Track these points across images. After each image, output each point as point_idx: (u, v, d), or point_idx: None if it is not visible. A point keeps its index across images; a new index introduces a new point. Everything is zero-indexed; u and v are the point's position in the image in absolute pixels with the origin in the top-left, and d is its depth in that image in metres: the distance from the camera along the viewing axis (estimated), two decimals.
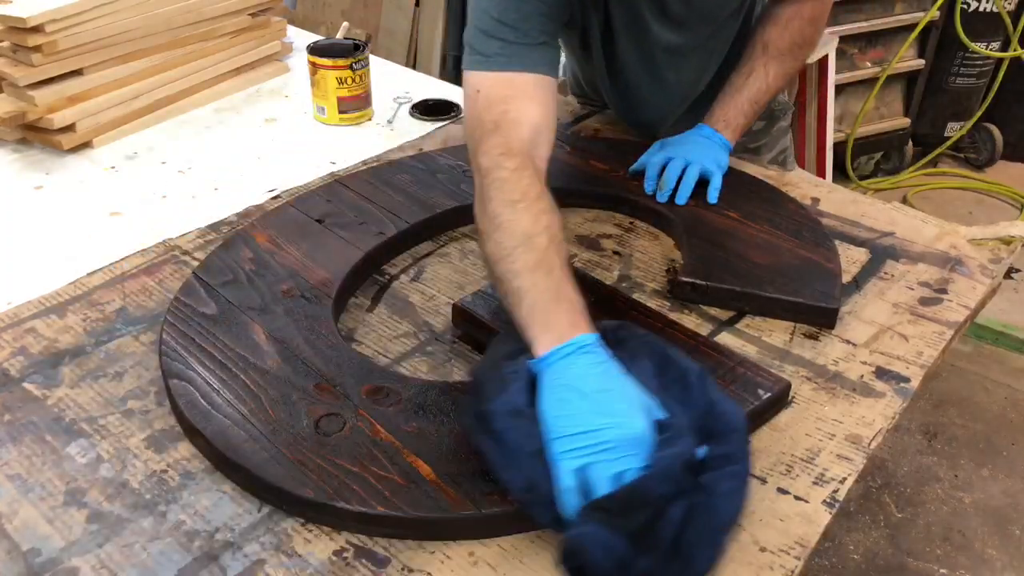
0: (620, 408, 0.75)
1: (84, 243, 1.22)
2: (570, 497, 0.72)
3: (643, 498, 0.69)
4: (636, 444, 0.73)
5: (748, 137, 1.48)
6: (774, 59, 1.27)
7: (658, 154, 1.29)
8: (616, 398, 0.76)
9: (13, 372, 0.96)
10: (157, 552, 0.76)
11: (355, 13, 3.50)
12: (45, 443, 0.87)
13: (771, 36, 1.28)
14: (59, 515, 0.79)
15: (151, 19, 1.53)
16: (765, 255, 1.13)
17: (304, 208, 1.21)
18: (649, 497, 0.69)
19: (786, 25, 1.27)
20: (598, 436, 0.72)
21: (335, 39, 1.69)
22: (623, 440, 0.72)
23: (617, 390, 0.77)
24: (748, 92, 1.28)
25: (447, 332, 1.04)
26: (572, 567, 0.69)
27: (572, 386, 0.76)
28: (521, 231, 0.88)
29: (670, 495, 0.69)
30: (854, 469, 0.87)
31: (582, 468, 0.72)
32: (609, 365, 0.79)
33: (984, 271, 1.17)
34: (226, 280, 1.06)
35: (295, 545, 0.77)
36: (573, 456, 0.72)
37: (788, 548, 0.79)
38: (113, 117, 1.50)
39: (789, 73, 1.31)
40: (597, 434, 0.72)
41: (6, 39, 1.41)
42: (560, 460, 0.73)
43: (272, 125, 1.58)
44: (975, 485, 2.19)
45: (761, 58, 1.28)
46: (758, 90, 1.28)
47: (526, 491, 0.74)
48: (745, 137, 1.45)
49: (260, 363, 0.93)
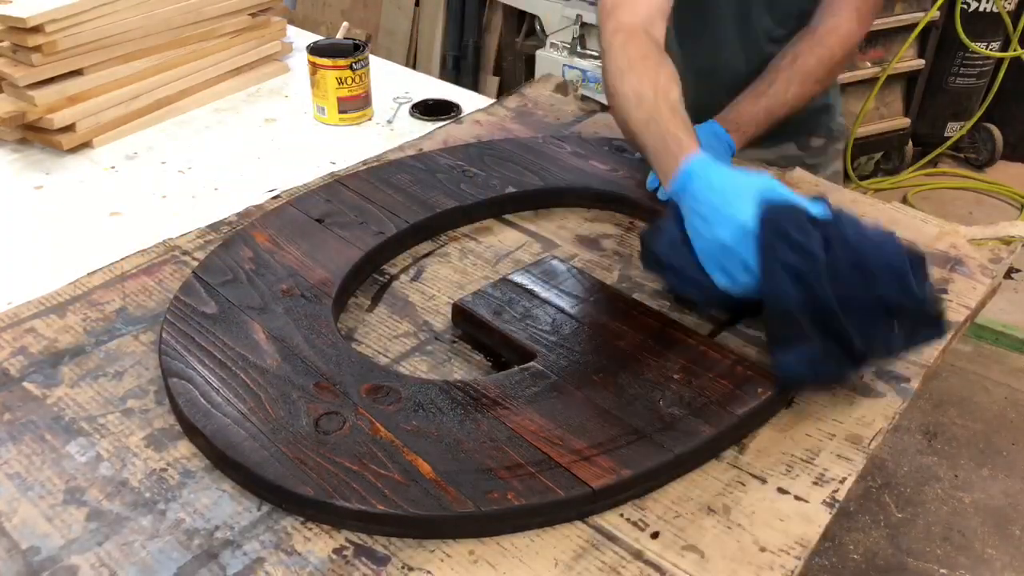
0: (725, 210, 0.91)
1: (84, 243, 1.22)
2: (730, 289, 0.93)
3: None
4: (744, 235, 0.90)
5: (807, 153, 1.48)
6: (798, 76, 1.26)
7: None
8: (720, 202, 0.92)
9: (13, 371, 0.96)
10: (156, 550, 0.76)
11: (355, 13, 3.50)
12: (45, 442, 0.87)
13: (802, 49, 1.26)
14: (58, 513, 0.79)
15: (151, 19, 1.54)
16: None
17: (304, 208, 1.21)
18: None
19: (820, 40, 1.26)
20: (715, 243, 0.92)
21: (335, 39, 1.69)
22: (734, 238, 0.90)
23: (721, 192, 0.93)
24: (766, 102, 1.26)
25: (447, 331, 1.04)
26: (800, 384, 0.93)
27: (692, 210, 0.95)
28: (632, 93, 1.07)
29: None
30: (854, 469, 0.87)
31: (722, 270, 0.92)
32: (709, 175, 0.95)
33: (984, 271, 1.17)
34: (226, 280, 1.06)
35: (295, 543, 0.77)
36: (711, 265, 0.93)
37: (788, 548, 0.79)
38: (113, 117, 1.50)
39: (807, 96, 1.29)
40: (713, 242, 0.92)
41: (6, 39, 1.41)
42: (708, 270, 0.94)
43: (272, 125, 1.58)
44: (975, 485, 2.19)
45: (786, 71, 1.26)
46: (776, 103, 1.26)
47: (704, 298, 0.99)
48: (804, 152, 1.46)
49: (260, 362, 0.93)
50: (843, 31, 1.26)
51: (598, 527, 0.80)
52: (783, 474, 0.86)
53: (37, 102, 1.41)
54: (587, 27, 2.94)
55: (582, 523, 0.81)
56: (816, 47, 1.26)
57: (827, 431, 0.91)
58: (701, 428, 0.87)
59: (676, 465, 0.85)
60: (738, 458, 0.88)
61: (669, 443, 0.85)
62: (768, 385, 0.92)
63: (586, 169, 1.33)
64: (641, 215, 1.27)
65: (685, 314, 1.08)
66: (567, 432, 0.85)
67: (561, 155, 1.34)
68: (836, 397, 0.96)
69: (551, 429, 0.85)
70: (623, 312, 1.02)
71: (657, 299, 1.11)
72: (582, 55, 2.98)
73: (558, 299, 1.04)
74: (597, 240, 1.23)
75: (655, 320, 1.02)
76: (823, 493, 0.84)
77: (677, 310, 1.09)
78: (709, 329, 1.05)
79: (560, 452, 0.83)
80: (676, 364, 0.94)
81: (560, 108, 1.57)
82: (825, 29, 1.26)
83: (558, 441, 0.84)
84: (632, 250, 1.21)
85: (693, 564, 0.77)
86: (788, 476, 0.86)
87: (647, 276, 1.15)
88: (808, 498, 0.84)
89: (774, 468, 0.87)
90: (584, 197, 1.30)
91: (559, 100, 1.60)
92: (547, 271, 1.09)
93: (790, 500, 0.84)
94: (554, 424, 0.86)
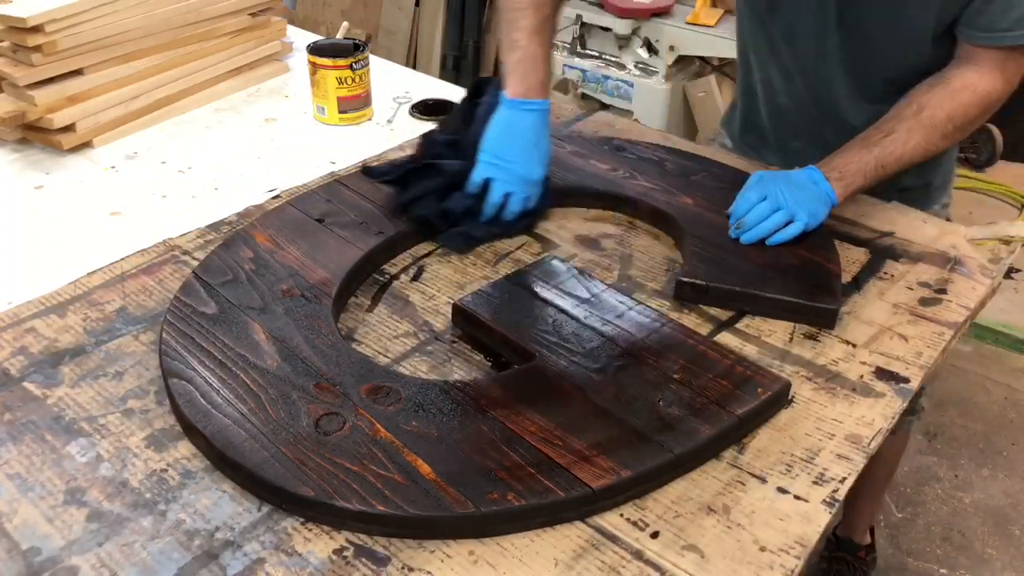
0: (533, 157, 1.16)
1: (84, 243, 1.22)
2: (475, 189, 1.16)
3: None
4: (527, 182, 1.17)
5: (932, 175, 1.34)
6: (924, 127, 1.10)
7: (753, 190, 1.16)
8: (534, 150, 1.16)
9: (13, 371, 0.96)
10: (157, 551, 0.76)
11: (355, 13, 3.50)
12: (45, 442, 0.87)
13: (931, 99, 1.10)
14: (59, 514, 0.79)
15: (151, 19, 1.53)
16: (765, 255, 1.13)
17: (304, 207, 1.21)
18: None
19: (953, 94, 1.10)
20: (510, 165, 1.15)
21: (335, 39, 1.69)
22: (521, 176, 1.16)
23: (541, 146, 1.17)
24: (879, 152, 1.11)
25: (447, 332, 1.04)
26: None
27: (516, 129, 1.15)
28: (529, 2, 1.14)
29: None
30: (854, 469, 0.87)
31: (490, 178, 1.15)
32: (545, 129, 1.17)
33: (984, 271, 1.17)
34: (226, 280, 1.06)
35: (295, 544, 0.77)
36: (488, 166, 1.15)
37: (788, 547, 0.79)
38: (113, 117, 1.50)
39: (931, 151, 1.12)
40: (509, 163, 1.15)
41: (6, 39, 1.41)
42: (480, 164, 1.15)
43: (272, 125, 1.58)
44: (975, 485, 2.20)
45: (909, 120, 1.11)
46: (891, 155, 1.10)
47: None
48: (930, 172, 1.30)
49: (260, 362, 0.93)
50: (982, 89, 1.10)
51: (598, 527, 0.80)
52: (783, 474, 0.86)
53: (37, 102, 1.41)
54: (587, 27, 2.95)
55: (582, 523, 0.81)
56: (947, 101, 1.10)
57: (827, 431, 0.91)
58: (701, 428, 0.87)
59: (676, 465, 0.85)
60: (738, 458, 0.88)
61: (669, 443, 0.85)
62: (768, 384, 0.92)
63: (586, 169, 1.33)
64: (641, 215, 1.27)
65: (685, 314, 1.08)
66: (567, 432, 0.85)
67: (561, 155, 1.34)
68: (836, 397, 0.96)
69: (551, 429, 0.85)
70: (623, 312, 1.02)
71: (657, 299, 1.11)
72: (582, 55, 2.98)
73: (558, 299, 1.04)
74: (597, 240, 1.23)
75: (655, 320, 1.02)
76: (823, 493, 0.84)
77: (677, 310, 1.09)
78: (709, 329, 1.05)
79: (560, 452, 0.83)
80: (676, 364, 0.94)
81: (560, 107, 1.57)
82: (961, 83, 1.10)
83: (558, 441, 0.84)
84: (632, 250, 1.21)
85: (693, 564, 0.77)
86: (788, 476, 0.86)
87: (648, 276, 1.15)
88: (808, 498, 0.84)
89: (774, 468, 0.87)
90: (584, 197, 1.30)
91: (559, 99, 1.60)
92: (547, 271, 1.09)
93: (790, 500, 0.84)
94: (554, 424, 0.86)
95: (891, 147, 1.10)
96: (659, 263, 1.18)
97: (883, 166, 1.10)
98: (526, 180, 1.16)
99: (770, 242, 1.13)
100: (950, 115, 1.09)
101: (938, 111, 1.10)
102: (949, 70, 1.11)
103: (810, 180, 1.13)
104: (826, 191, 1.12)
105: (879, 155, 1.10)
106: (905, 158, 1.10)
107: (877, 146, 1.11)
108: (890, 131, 1.11)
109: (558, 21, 1.19)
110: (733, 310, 1.08)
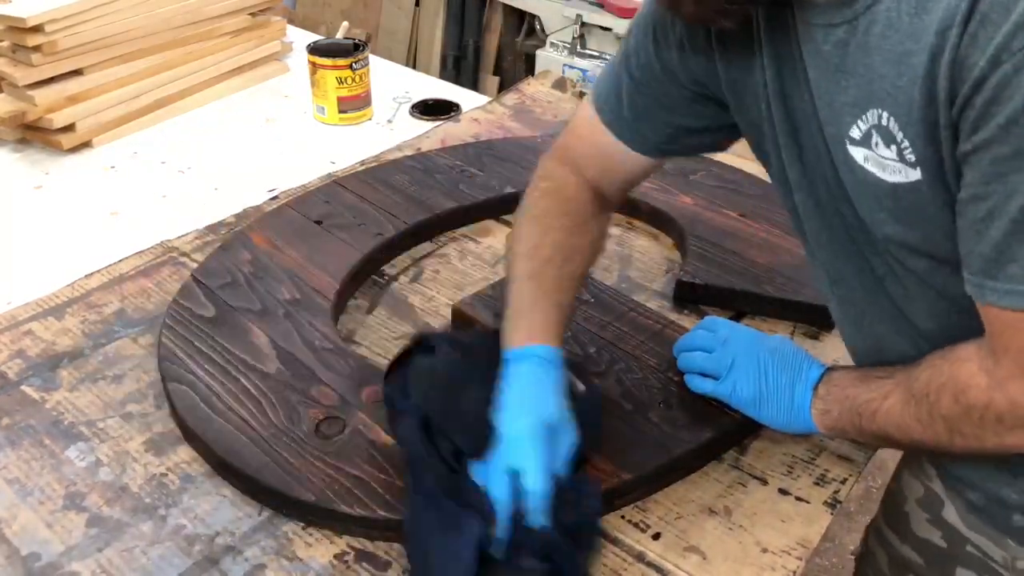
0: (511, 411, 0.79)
1: (84, 243, 1.22)
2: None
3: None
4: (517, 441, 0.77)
5: None
6: (914, 401, 0.74)
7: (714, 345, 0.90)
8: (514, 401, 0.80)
9: (11, 375, 0.95)
10: (157, 556, 0.76)
11: (355, 13, 3.49)
12: (44, 447, 0.87)
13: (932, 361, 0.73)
14: (58, 519, 0.79)
15: (151, 19, 1.53)
16: (765, 255, 1.13)
17: (302, 209, 1.20)
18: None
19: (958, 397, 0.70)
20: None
21: (335, 39, 1.69)
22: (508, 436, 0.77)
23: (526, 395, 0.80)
24: (867, 397, 0.78)
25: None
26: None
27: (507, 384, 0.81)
28: (530, 242, 0.91)
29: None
30: (855, 470, 0.87)
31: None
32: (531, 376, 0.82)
33: None
34: (225, 283, 1.05)
35: (296, 549, 0.77)
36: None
37: (790, 549, 0.79)
38: (113, 117, 1.50)
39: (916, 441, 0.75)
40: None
41: (6, 39, 1.41)
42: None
43: (272, 125, 1.58)
44: None
45: (902, 373, 0.76)
46: (874, 412, 0.77)
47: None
48: None
49: (260, 366, 0.93)
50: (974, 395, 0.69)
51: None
52: (784, 475, 0.86)
53: (37, 102, 1.40)
54: (587, 27, 2.94)
55: None
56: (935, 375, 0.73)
57: None
58: (702, 429, 0.86)
59: (677, 467, 0.85)
60: (739, 459, 0.88)
61: (670, 445, 0.85)
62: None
63: None
64: (641, 215, 1.27)
65: (685, 315, 1.08)
66: None
67: None
68: None
69: None
70: (623, 313, 1.02)
71: (657, 299, 1.10)
72: (582, 55, 2.98)
73: None
74: None
75: (655, 320, 1.01)
76: (824, 494, 0.84)
77: (677, 310, 1.08)
78: None
79: None
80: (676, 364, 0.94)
81: (558, 105, 1.57)
82: (967, 373, 0.69)
83: None
84: (631, 250, 1.20)
85: (695, 565, 0.77)
86: (789, 477, 0.86)
87: (647, 276, 1.15)
88: (809, 499, 0.84)
89: (775, 469, 0.87)
90: None
91: (557, 97, 1.60)
92: None
93: (791, 501, 0.83)
94: None
95: (875, 393, 0.78)
96: (658, 263, 1.18)
97: (859, 414, 0.80)
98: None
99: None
100: (946, 413, 0.72)
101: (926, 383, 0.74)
102: (965, 347, 0.72)
103: (792, 404, 0.84)
104: (804, 419, 0.83)
105: (867, 400, 0.79)
106: (884, 431, 0.78)
107: (866, 391, 0.79)
108: (889, 374, 0.79)
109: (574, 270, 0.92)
110: (733, 310, 1.08)
